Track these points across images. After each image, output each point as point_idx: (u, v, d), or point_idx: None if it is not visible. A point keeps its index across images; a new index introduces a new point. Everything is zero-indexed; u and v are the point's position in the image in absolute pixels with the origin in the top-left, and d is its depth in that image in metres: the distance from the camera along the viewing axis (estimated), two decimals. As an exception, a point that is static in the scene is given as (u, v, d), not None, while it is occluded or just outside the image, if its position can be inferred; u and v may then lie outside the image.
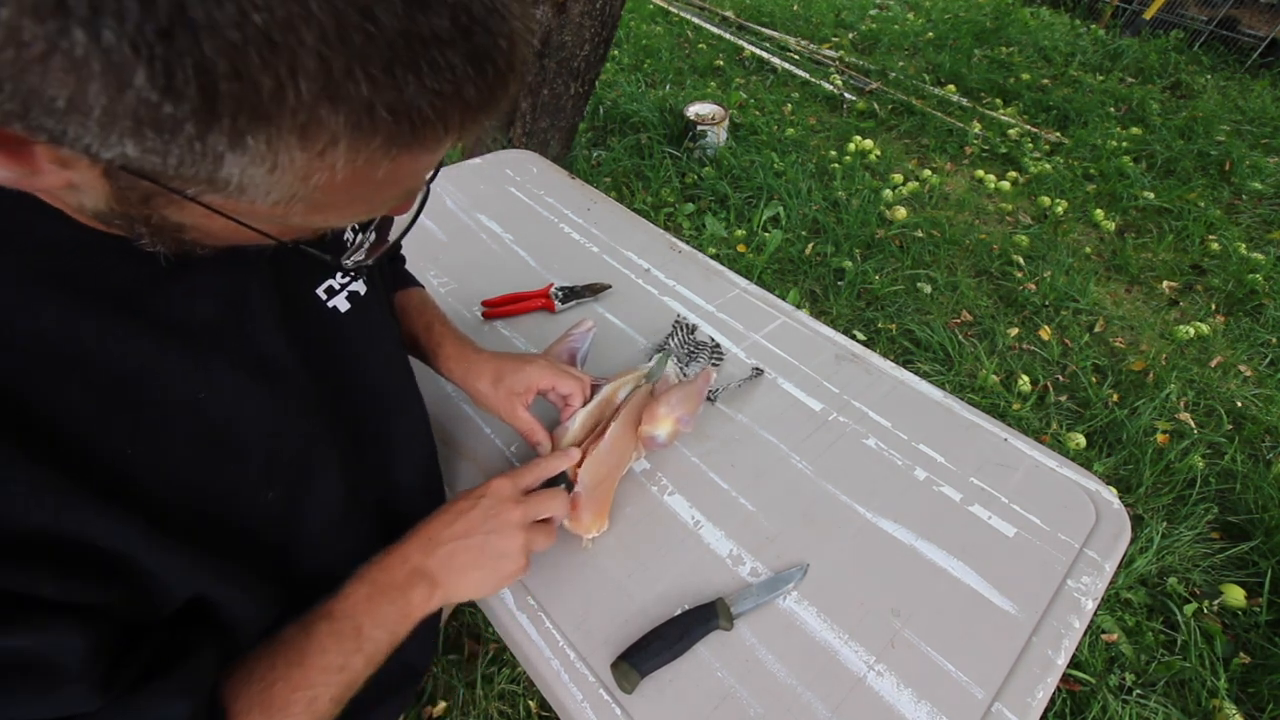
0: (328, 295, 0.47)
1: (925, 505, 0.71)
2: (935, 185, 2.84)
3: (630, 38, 4.00)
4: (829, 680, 0.57)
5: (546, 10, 1.98)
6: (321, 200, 0.26)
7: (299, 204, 0.26)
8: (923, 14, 4.77)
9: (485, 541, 0.51)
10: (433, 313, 0.71)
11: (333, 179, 0.25)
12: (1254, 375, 2.07)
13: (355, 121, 0.23)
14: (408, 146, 0.25)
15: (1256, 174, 3.01)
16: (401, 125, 0.24)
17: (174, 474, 0.36)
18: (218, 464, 0.38)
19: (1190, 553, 1.56)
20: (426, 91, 0.23)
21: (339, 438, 0.47)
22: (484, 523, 0.51)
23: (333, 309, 0.47)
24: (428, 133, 0.25)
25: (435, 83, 0.23)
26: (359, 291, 0.49)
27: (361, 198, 0.28)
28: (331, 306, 0.47)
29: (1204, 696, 1.31)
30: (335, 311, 0.47)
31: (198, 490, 0.37)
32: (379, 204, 0.31)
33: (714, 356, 0.86)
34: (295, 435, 0.42)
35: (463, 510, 0.52)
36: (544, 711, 1.22)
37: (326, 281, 0.47)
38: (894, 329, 2.13)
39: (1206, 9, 4.43)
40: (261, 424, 0.40)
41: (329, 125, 0.22)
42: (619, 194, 2.64)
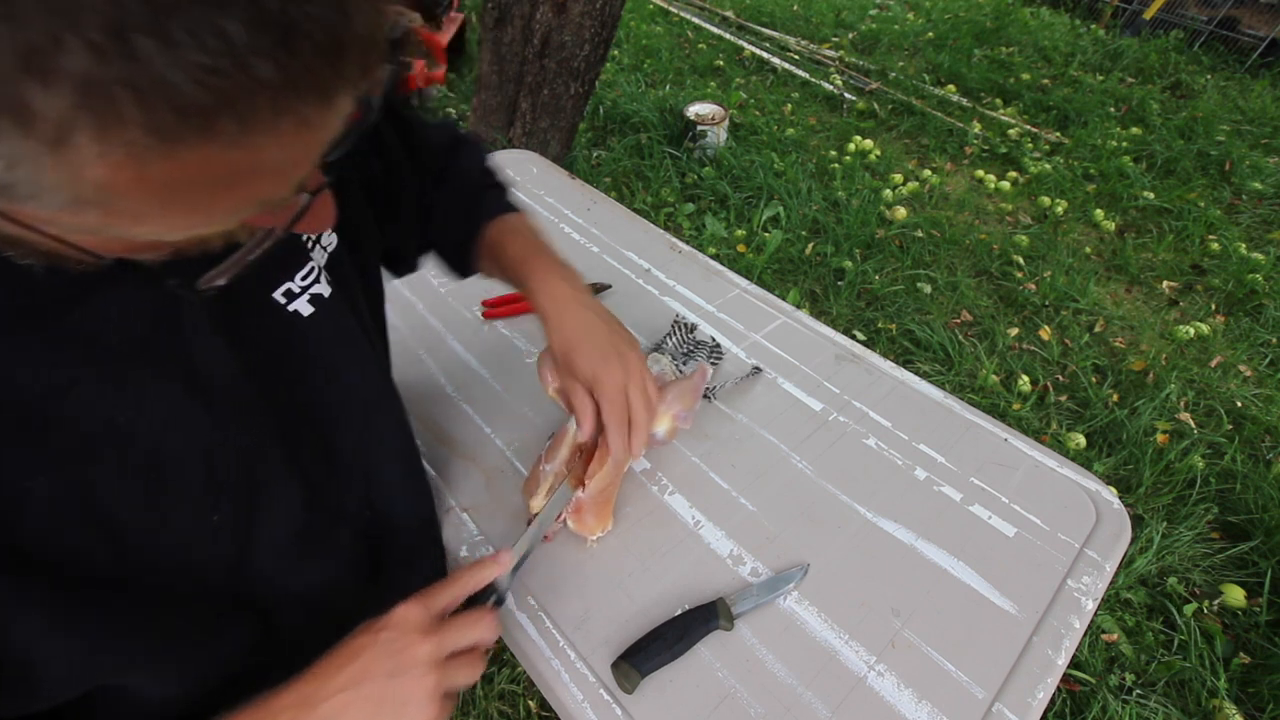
0: (287, 299, 0.43)
1: (925, 505, 0.71)
2: (935, 185, 2.84)
3: (630, 38, 4.00)
4: (829, 680, 0.57)
5: (546, 10, 1.98)
6: (126, 207, 0.22)
7: (92, 210, 0.22)
8: (923, 14, 4.77)
9: (385, 688, 0.40)
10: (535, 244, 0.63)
11: (115, 178, 0.20)
12: (1254, 375, 2.07)
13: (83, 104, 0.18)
14: (187, 138, 0.20)
15: (1256, 174, 3.01)
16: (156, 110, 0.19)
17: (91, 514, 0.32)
18: (150, 494, 0.35)
19: (1190, 553, 1.56)
20: (186, 66, 0.18)
21: (295, 448, 0.44)
22: (383, 663, 0.41)
23: (293, 313, 0.43)
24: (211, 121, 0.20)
25: (199, 55, 0.19)
26: (322, 294, 0.45)
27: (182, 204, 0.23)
28: (292, 310, 0.43)
29: (1204, 696, 1.31)
30: (296, 316, 0.43)
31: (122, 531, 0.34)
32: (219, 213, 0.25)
33: (713, 355, 0.86)
34: (237, 450, 0.39)
35: (358, 650, 0.42)
36: (544, 711, 1.22)
37: (284, 284, 0.42)
38: (894, 329, 2.13)
39: (1206, 9, 4.43)
40: (196, 441, 0.37)
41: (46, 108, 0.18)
42: (619, 194, 2.64)
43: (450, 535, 0.67)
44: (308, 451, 0.45)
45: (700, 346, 0.87)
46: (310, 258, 0.44)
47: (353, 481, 0.51)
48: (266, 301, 0.42)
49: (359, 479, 0.52)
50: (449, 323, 0.91)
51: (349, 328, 0.48)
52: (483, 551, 0.66)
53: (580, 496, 0.62)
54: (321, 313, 0.44)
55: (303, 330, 0.44)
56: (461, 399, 0.81)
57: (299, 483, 0.44)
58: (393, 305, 0.93)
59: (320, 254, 0.46)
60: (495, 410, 0.80)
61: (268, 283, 0.42)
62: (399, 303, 0.94)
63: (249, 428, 0.40)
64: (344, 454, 0.49)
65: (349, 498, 0.51)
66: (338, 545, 0.49)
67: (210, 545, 0.39)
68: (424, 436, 0.77)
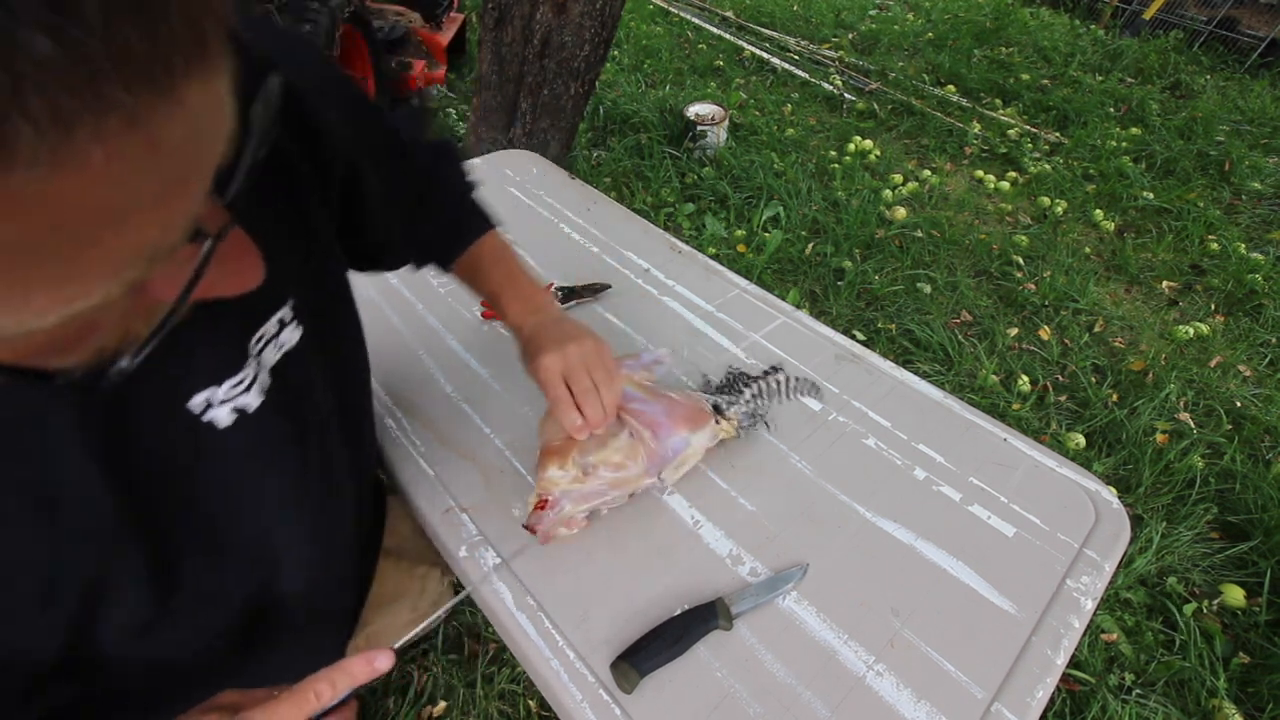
0: (204, 406, 0.38)
1: (925, 505, 0.71)
2: (935, 185, 2.84)
3: (630, 38, 4.00)
4: (828, 680, 0.57)
5: (546, 10, 1.98)
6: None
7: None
8: (922, 14, 4.77)
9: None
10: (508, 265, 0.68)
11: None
12: (1254, 375, 2.07)
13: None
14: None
15: (1256, 174, 3.01)
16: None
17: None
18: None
19: (1190, 553, 1.56)
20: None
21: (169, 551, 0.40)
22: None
23: (207, 424, 0.39)
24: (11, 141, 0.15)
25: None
26: (247, 407, 0.40)
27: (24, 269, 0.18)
28: (207, 421, 0.39)
29: (1204, 696, 1.31)
30: (210, 428, 0.39)
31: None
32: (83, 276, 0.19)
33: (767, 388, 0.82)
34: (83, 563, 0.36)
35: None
36: (544, 711, 1.22)
37: (204, 391, 0.38)
38: (894, 329, 2.13)
39: (1206, 9, 4.43)
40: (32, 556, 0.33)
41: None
42: (619, 194, 2.64)
43: (449, 536, 0.67)
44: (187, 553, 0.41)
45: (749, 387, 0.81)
46: (246, 364, 0.40)
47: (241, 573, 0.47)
48: (176, 408, 0.37)
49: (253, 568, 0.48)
50: (449, 323, 0.91)
51: (273, 443, 0.43)
52: (482, 552, 0.66)
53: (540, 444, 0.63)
54: (240, 426, 0.40)
55: (214, 442, 0.39)
56: (461, 399, 0.81)
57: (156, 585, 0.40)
58: (392, 305, 0.93)
59: (273, 352, 0.42)
60: (495, 410, 0.80)
61: (184, 388, 0.37)
62: (399, 303, 0.94)
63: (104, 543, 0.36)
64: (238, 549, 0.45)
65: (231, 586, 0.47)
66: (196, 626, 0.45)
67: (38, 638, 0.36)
68: (424, 436, 0.77)
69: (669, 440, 0.66)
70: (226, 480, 0.42)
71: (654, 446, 0.65)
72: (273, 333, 0.42)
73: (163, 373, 0.35)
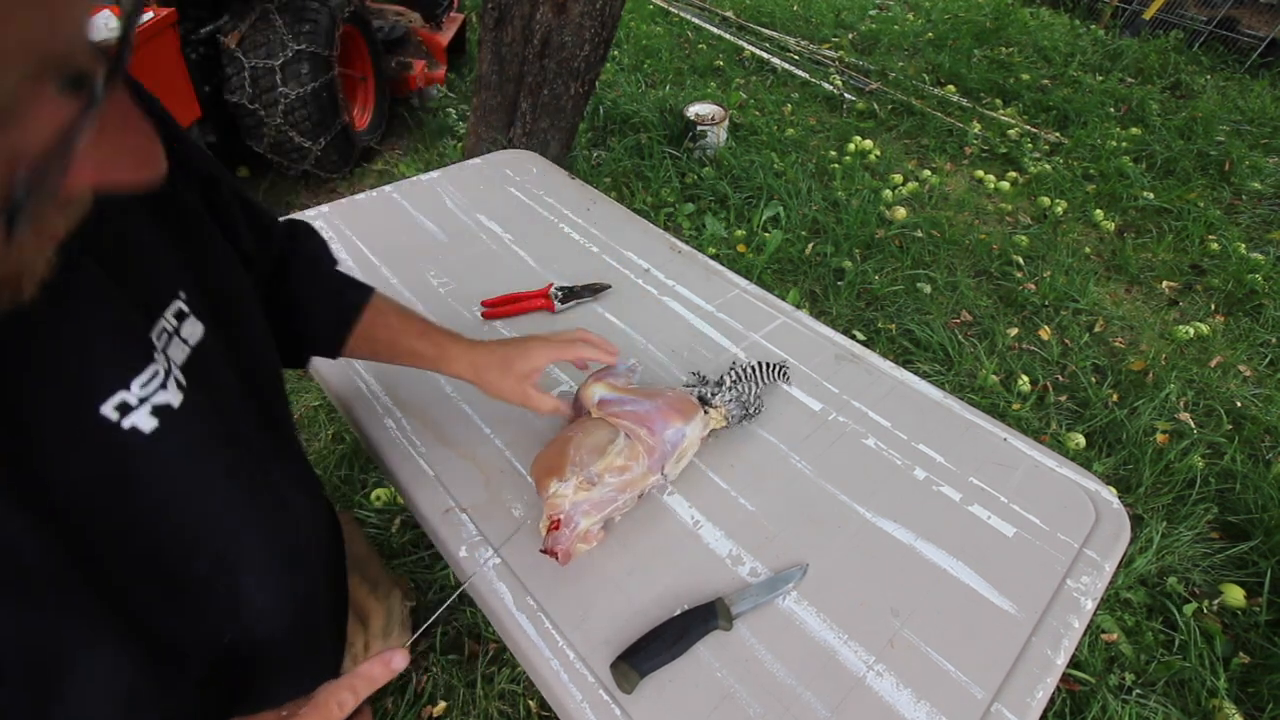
0: (120, 413, 0.34)
1: (925, 505, 0.71)
2: (935, 185, 2.84)
3: (630, 38, 4.00)
4: (828, 680, 0.57)
5: (546, 10, 1.98)
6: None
7: None
8: (922, 14, 4.77)
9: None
10: (416, 319, 0.68)
11: None
12: (1254, 375, 2.07)
13: None
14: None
15: (1256, 174, 3.01)
16: None
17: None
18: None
19: (1190, 553, 1.56)
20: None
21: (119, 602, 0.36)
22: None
23: (130, 430, 0.35)
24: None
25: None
26: (169, 404, 0.36)
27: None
28: (128, 428, 0.35)
29: (1204, 696, 1.31)
30: (134, 434, 0.35)
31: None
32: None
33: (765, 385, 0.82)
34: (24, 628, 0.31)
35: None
36: (544, 711, 1.22)
37: (116, 395, 0.34)
38: (894, 329, 2.13)
39: (1206, 9, 4.43)
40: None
41: None
42: (619, 194, 2.64)
43: (450, 535, 0.67)
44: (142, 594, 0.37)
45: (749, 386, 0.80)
46: (154, 359, 0.36)
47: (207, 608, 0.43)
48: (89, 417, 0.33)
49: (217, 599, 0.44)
50: (449, 323, 0.91)
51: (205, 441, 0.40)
52: (482, 552, 0.66)
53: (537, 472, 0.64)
54: (167, 427, 0.36)
55: (142, 450, 0.35)
56: (461, 399, 0.81)
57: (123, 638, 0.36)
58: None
59: (179, 350, 0.38)
60: (495, 410, 0.80)
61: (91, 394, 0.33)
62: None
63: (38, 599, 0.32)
64: (195, 582, 0.41)
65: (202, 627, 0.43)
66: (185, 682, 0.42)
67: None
68: (424, 436, 0.77)
69: (665, 433, 0.66)
70: (165, 497, 0.38)
71: (652, 441, 0.65)
72: (173, 327, 0.38)
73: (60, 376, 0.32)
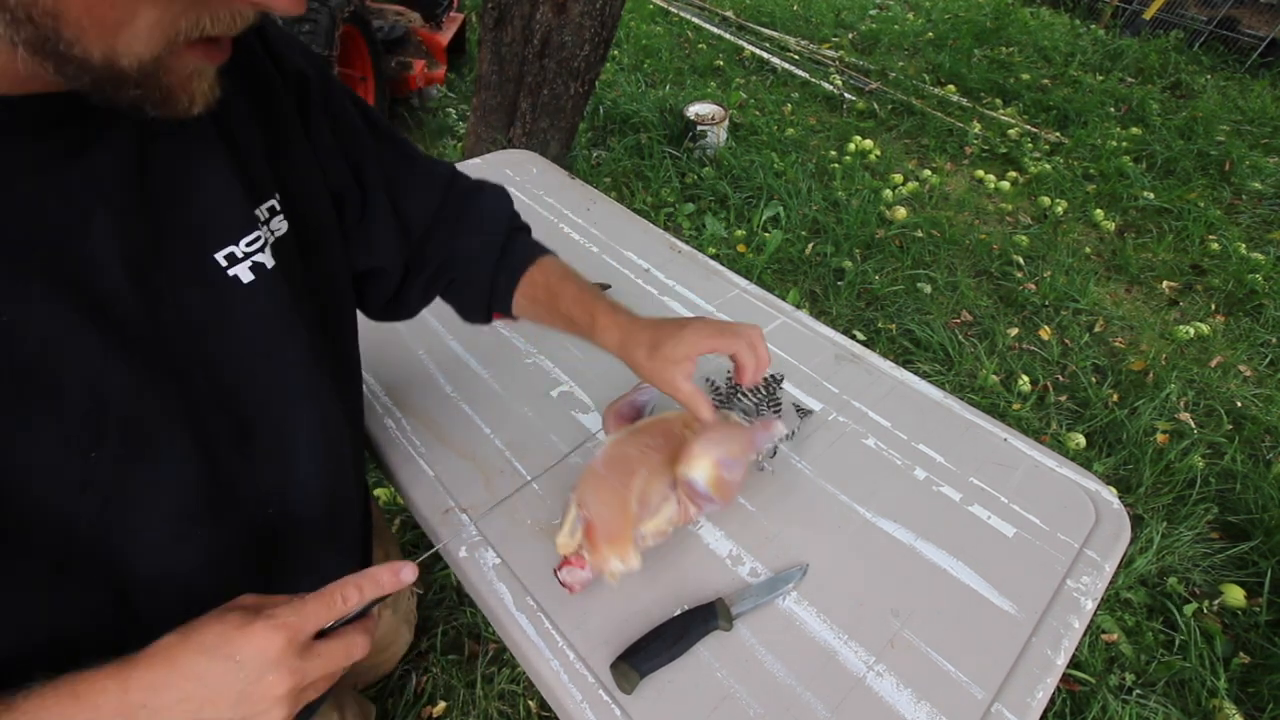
0: (228, 262, 0.41)
1: (925, 505, 0.71)
2: (935, 185, 2.84)
3: (630, 38, 4.00)
4: (828, 680, 0.57)
5: (546, 10, 1.98)
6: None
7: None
8: (923, 14, 4.77)
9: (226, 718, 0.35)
10: (575, 283, 0.64)
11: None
12: (1254, 375, 2.07)
13: None
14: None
15: (1256, 174, 3.01)
16: None
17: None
18: (22, 398, 0.32)
19: (1190, 553, 1.56)
20: None
21: (203, 417, 0.41)
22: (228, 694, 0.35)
23: (233, 278, 0.41)
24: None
25: None
26: (265, 264, 0.43)
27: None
28: (232, 275, 0.41)
29: (1204, 696, 1.31)
30: (235, 281, 0.42)
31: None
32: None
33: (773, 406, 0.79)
34: (129, 392, 0.36)
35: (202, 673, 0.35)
36: (544, 711, 1.22)
37: (227, 247, 0.41)
38: (894, 329, 2.13)
39: (1206, 9, 4.43)
40: (85, 365, 0.34)
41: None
42: (619, 194, 2.64)
43: (449, 536, 0.67)
44: (216, 420, 0.42)
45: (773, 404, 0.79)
46: (259, 227, 0.43)
47: (262, 470, 0.47)
48: (206, 260, 0.40)
49: (270, 469, 0.48)
50: (449, 323, 0.91)
51: (287, 308, 0.46)
52: (482, 552, 0.66)
53: (588, 517, 0.58)
54: (262, 282, 0.43)
55: (239, 296, 0.42)
56: (461, 399, 0.81)
57: (197, 447, 0.41)
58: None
59: (268, 231, 0.45)
60: (495, 410, 0.80)
61: (210, 240, 0.41)
62: (399, 303, 0.94)
63: (143, 365, 0.37)
64: (260, 437, 0.46)
65: (254, 485, 0.47)
66: (229, 537, 0.46)
67: (79, 494, 0.36)
68: (424, 436, 0.77)
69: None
70: (248, 344, 0.43)
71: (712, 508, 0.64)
72: (265, 217, 0.44)
73: (190, 218, 0.39)
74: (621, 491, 0.59)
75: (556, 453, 0.75)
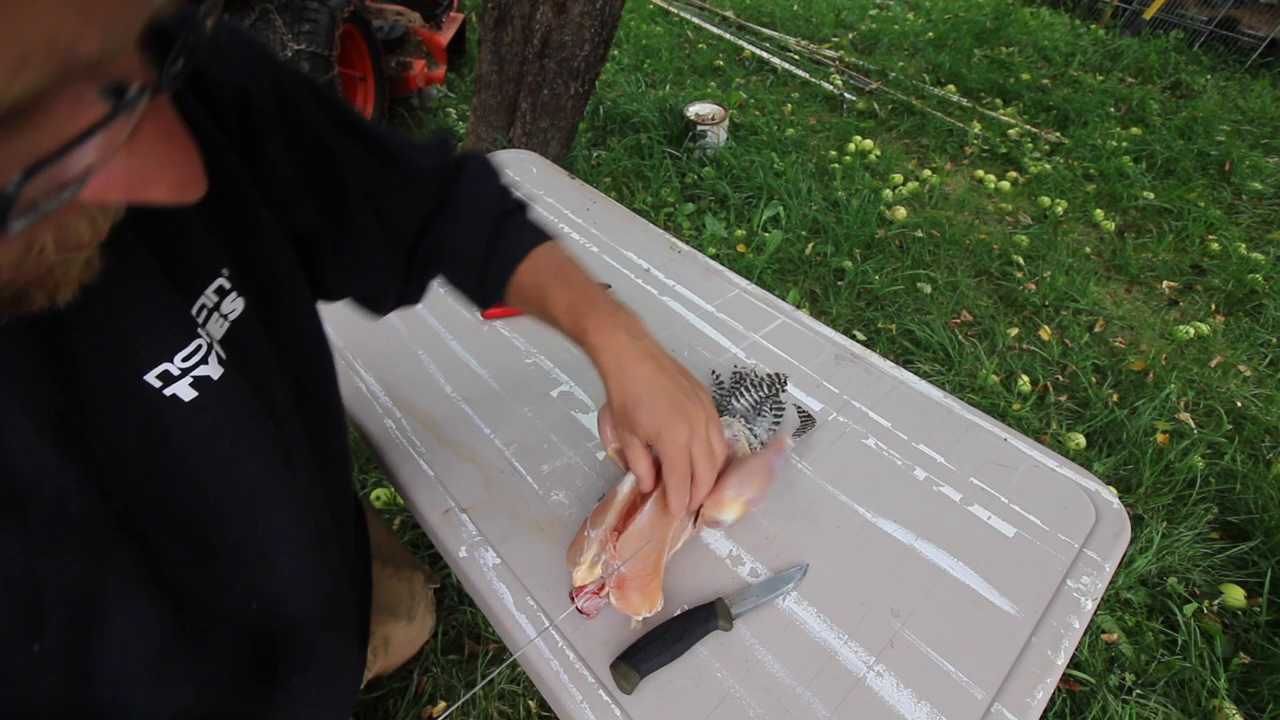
0: (162, 382, 0.37)
1: (925, 505, 0.71)
2: (935, 185, 2.84)
3: (630, 38, 4.00)
4: (829, 680, 0.57)
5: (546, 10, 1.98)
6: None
7: None
8: (923, 14, 4.77)
9: None
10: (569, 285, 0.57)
11: None
12: (1254, 375, 2.07)
13: None
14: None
15: (1256, 174, 3.01)
16: None
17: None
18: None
19: (1190, 553, 1.56)
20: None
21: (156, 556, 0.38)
22: None
23: (170, 398, 0.37)
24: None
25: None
26: (209, 376, 0.38)
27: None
28: (169, 395, 0.37)
29: (1204, 696, 1.31)
30: (174, 401, 0.37)
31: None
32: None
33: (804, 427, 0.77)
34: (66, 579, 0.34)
35: None
36: (544, 711, 1.22)
37: (159, 366, 0.36)
38: (894, 329, 2.13)
39: (1206, 9, 4.43)
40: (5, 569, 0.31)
41: None
42: (619, 194, 2.64)
43: (449, 536, 0.67)
44: (176, 555, 0.40)
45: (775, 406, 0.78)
46: (198, 334, 0.38)
47: (235, 579, 0.45)
48: (136, 385, 0.36)
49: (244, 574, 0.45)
50: (448, 323, 0.91)
51: (242, 415, 0.41)
52: (482, 552, 0.66)
53: (623, 571, 0.56)
54: (206, 398, 0.38)
55: (181, 418, 0.38)
56: (461, 399, 0.81)
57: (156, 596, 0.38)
58: (392, 305, 0.93)
59: (218, 325, 0.40)
60: (495, 410, 0.80)
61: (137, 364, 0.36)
62: (398, 303, 0.94)
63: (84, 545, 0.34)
64: (226, 550, 0.43)
65: (229, 596, 0.44)
66: (213, 652, 0.43)
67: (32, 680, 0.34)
68: (424, 436, 0.77)
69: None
70: (201, 464, 0.40)
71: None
72: (213, 303, 0.40)
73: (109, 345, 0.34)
74: (659, 547, 0.58)
75: (556, 453, 0.75)
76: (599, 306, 0.55)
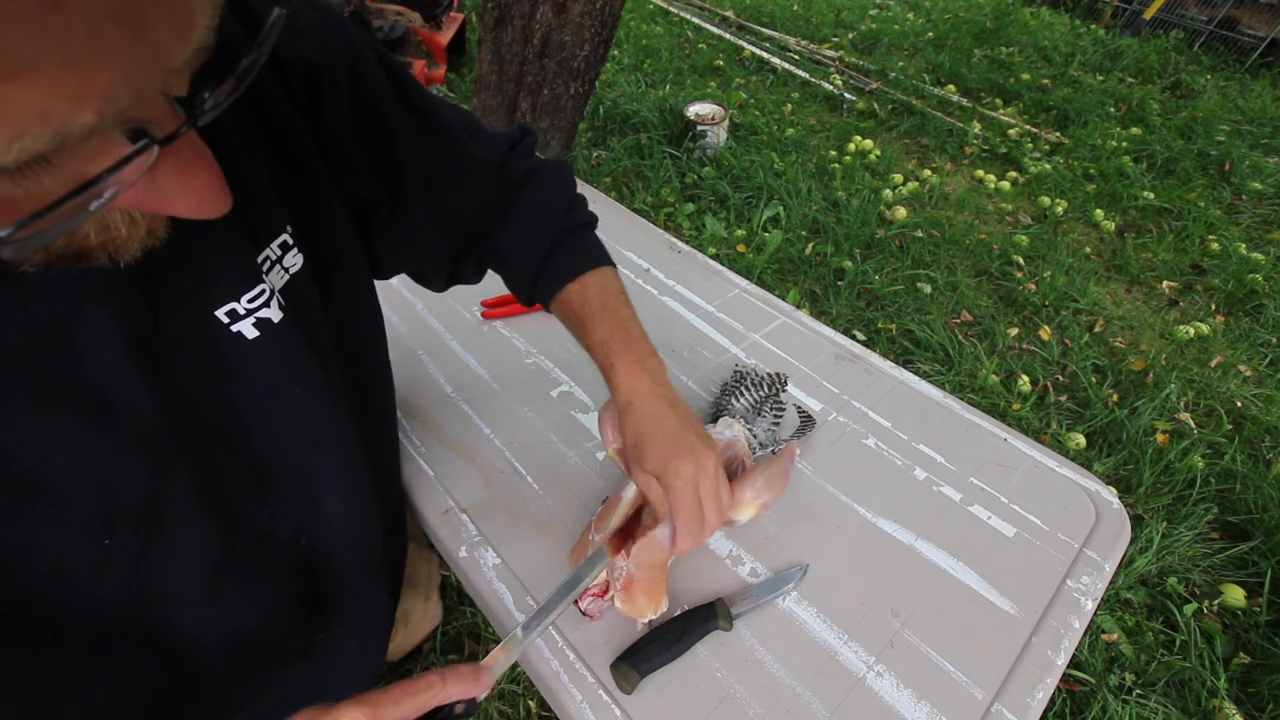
0: (230, 319, 0.40)
1: (925, 505, 0.71)
2: (935, 185, 2.84)
3: (630, 38, 4.00)
4: (829, 680, 0.57)
5: (546, 10, 1.98)
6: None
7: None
8: (923, 14, 4.77)
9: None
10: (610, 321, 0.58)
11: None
12: (1254, 375, 2.07)
13: None
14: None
15: (1256, 174, 3.01)
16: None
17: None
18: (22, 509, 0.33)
19: (1190, 553, 1.56)
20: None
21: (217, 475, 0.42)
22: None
23: (236, 334, 0.40)
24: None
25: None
26: (270, 318, 0.42)
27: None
28: (235, 332, 0.40)
29: (1204, 696, 1.31)
30: (239, 338, 0.41)
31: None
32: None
33: (804, 428, 0.77)
34: (138, 481, 0.37)
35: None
36: (544, 711, 1.22)
37: (228, 304, 0.40)
38: (894, 329, 2.13)
39: (1206, 9, 4.43)
40: (86, 467, 0.34)
41: None
42: (619, 194, 2.64)
43: (449, 536, 0.67)
44: (234, 479, 0.43)
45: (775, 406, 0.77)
46: (263, 280, 0.41)
47: (286, 512, 0.48)
48: (207, 320, 0.39)
49: (295, 509, 0.49)
50: (448, 323, 0.91)
51: (298, 358, 0.45)
52: (482, 552, 0.66)
53: (632, 570, 0.56)
54: (267, 337, 0.42)
55: (244, 353, 0.41)
56: (461, 399, 0.81)
57: (216, 512, 0.42)
58: (392, 305, 0.93)
59: (279, 275, 0.43)
60: (495, 410, 0.80)
61: (209, 300, 0.39)
62: (398, 303, 0.94)
63: (154, 454, 0.37)
64: (279, 484, 0.46)
65: (280, 527, 0.48)
66: (263, 578, 0.46)
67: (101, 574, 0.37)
68: (424, 436, 0.77)
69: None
70: (259, 397, 0.43)
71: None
72: (276, 255, 0.43)
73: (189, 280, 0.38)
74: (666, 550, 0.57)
75: (556, 453, 0.75)
76: (631, 349, 0.56)
